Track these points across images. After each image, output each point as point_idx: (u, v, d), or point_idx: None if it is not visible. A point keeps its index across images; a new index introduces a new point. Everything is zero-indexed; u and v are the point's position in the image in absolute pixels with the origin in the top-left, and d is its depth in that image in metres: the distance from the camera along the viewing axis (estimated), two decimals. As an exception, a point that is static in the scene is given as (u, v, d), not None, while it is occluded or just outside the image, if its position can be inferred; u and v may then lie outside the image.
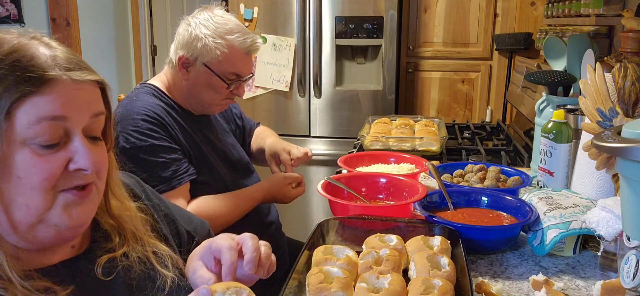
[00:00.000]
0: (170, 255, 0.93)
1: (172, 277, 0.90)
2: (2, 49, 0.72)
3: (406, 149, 1.87)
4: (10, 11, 3.43)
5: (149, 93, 1.53)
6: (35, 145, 0.72)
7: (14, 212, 0.74)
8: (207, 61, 1.50)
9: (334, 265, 0.95)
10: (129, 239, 0.89)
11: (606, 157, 1.19)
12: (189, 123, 1.57)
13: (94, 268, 0.83)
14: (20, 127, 0.71)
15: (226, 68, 1.51)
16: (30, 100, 0.71)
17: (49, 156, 0.73)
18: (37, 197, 0.73)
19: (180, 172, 1.46)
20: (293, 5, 2.89)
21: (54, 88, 0.72)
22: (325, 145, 3.06)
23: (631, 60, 1.35)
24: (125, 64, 3.92)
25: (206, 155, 1.57)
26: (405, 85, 3.21)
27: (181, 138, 1.50)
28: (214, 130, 1.68)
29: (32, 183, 0.72)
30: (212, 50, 1.48)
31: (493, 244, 1.15)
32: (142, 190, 1.03)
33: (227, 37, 1.49)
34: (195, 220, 1.13)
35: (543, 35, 2.41)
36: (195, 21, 1.51)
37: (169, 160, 1.44)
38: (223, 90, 1.54)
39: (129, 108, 1.46)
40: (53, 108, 0.72)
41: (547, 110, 1.66)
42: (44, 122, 0.72)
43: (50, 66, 0.73)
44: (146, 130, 1.43)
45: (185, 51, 1.50)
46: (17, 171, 0.72)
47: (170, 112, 1.52)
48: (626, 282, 0.92)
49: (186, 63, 1.51)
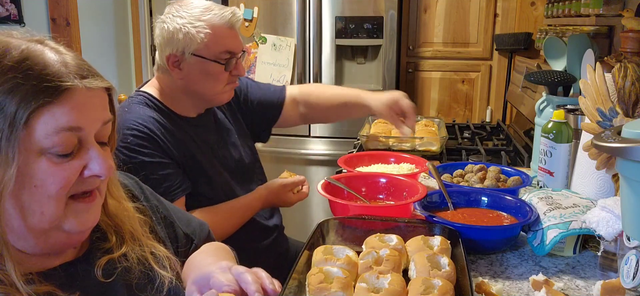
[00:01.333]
0: (167, 256, 0.93)
1: (170, 278, 0.90)
2: (11, 55, 0.72)
3: (406, 149, 1.87)
4: (10, 11, 3.43)
5: (142, 104, 1.47)
6: (52, 154, 0.73)
7: (29, 218, 0.75)
8: (194, 49, 1.43)
9: (334, 265, 0.95)
10: (127, 239, 0.89)
11: (606, 157, 1.19)
12: (186, 129, 1.50)
13: (94, 270, 0.83)
14: (39, 137, 0.72)
15: (215, 49, 1.44)
16: (48, 110, 0.72)
17: (65, 164, 0.74)
18: (53, 205, 0.75)
19: (174, 187, 1.41)
20: (293, 5, 2.89)
21: (71, 98, 0.73)
22: (325, 145, 3.06)
23: (631, 60, 1.35)
24: (125, 64, 3.92)
25: (203, 165, 1.50)
26: (405, 85, 3.21)
27: (174, 151, 1.44)
28: (214, 132, 1.61)
29: (48, 192, 0.74)
30: (195, 37, 1.42)
31: (493, 244, 1.15)
32: (141, 191, 1.02)
33: (204, 17, 1.43)
34: (194, 223, 1.12)
35: (543, 35, 2.41)
36: (168, 17, 1.45)
37: (160, 176, 1.39)
38: (222, 75, 1.48)
39: (119, 122, 1.41)
40: (70, 119, 0.73)
41: (547, 110, 1.66)
42: (62, 132, 0.73)
43: (65, 74, 0.73)
44: (136, 146, 1.37)
45: (171, 48, 1.44)
46: (33, 180, 0.73)
47: (163, 122, 1.45)
48: (626, 282, 0.92)
49: (176, 60, 1.45)
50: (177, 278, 0.93)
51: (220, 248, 1.05)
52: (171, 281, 0.90)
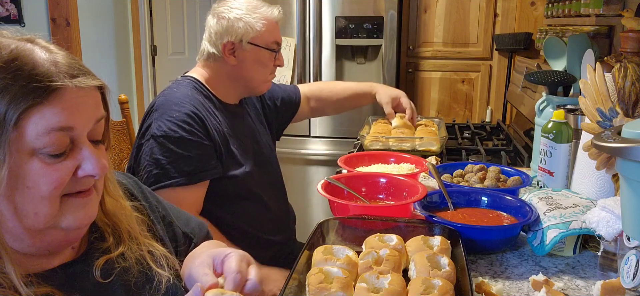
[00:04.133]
0: (165, 255, 0.93)
1: (168, 276, 0.90)
2: (0, 55, 0.71)
3: (406, 149, 1.87)
4: (10, 11, 3.43)
5: (191, 86, 1.58)
6: (44, 155, 0.72)
7: (24, 220, 0.74)
8: (251, 38, 1.59)
9: (334, 265, 0.95)
10: (124, 238, 0.89)
11: (606, 157, 1.19)
12: (225, 116, 1.62)
13: (92, 270, 0.83)
14: (30, 138, 0.71)
15: (268, 39, 1.62)
16: (38, 111, 0.71)
17: (57, 165, 0.73)
18: (46, 205, 0.74)
19: (203, 169, 1.49)
20: (293, 5, 2.89)
21: (61, 97, 0.72)
22: (325, 145, 3.06)
23: (631, 60, 1.35)
24: (125, 64, 3.91)
25: (235, 152, 1.60)
26: (405, 85, 3.21)
27: (215, 135, 1.53)
28: (247, 124, 1.72)
29: (41, 193, 0.73)
30: (254, 26, 1.58)
31: (493, 244, 1.15)
32: (140, 191, 1.02)
33: (259, 10, 1.61)
34: (193, 222, 1.12)
35: (543, 35, 2.41)
36: (224, 8, 1.59)
37: (195, 155, 1.47)
38: (270, 63, 1.65)
39: (169, 97, 1.52)
40: (61, 119, 0.72)
41: (547, 110, 1.66)
42: (53, 133, 0.72)
43: (54, 74, 0.72)
44: (179, 121, 1.46)
45: (229, 36, 1.57)
46: (26, 181, 0.72)
47: (207, 106, 1.56)
48: (626, 282, 0.92)
49: (232, 48, 1.59)
50: (175, 276, 0.93)
51: (218, 246, 1.05)
52: (169, 280, 0.90)
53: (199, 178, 1.48)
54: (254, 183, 1.64)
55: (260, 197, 1.66)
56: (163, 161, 1.43)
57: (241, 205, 1.61)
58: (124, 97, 2.03)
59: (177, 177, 1.43)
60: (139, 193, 1.01)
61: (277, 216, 1.72)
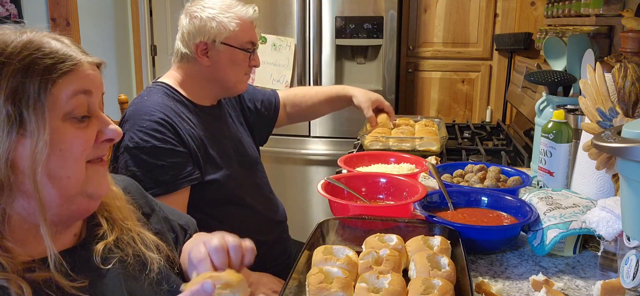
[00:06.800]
0: (156, 242, 0.98)
1: (159, 259, 0.95)
2: (14, 43, 0.77)
3: (406, 149, 1.87)
4: (10, 11, 3.43)
5: (161, 93, 1.54)
6: (72, 119, 0.80)
7: (58, 185, 0.80)
8: (224, 38, 1.55)
9: (334, 265, 0.95)
10: (117, 224, 0.94)
11: (606, 157, 1.19)
12: (201, 119, 1.58)
13: (93, 256, 0.87)
14: (62, 102, 0.78)
15: (243, 38, 1.57)
16: (65, 79, 0.79)
17: (84, 128, 0.82)
18: (77, 168, 0.81)
19: (180, 176, 1.45)
20: (293, 5, 2.89)
21: (79, 69, 0.81)
22: (325, 145, 3.06)
23: (631, 60, 1.35)
24: (125, 64, 3.91)
25: (214, 155, 1.56)
26: (405, 85, 3.21)
27: (188, 139, 1.49)
28: (226, 121, 1.69)
29: (74, 156, 0.80)
30: (227, 26, 1.54)
31: (493, 244, 1.15)
32: (137, 189, 1.07)
33: (233, 10, 1.56)
34: (185, 216, 1.19)
35: (543, 35, 2.41)
36: (197, 8, 1.56)
37: (169, 164, 1.43)
38: (245, 63, 1.60)
39: (139, 107, 1.48)
40: (83, 83, 0.81)
41: (547, 110, 1.66)
42: (79, 95, 0.80)
43: (71, 51, 0.81)
44: (150, 130, 1.42)
45: (202, 36, 1.54)
46: (60, 144, 0.79)
47: (180, 112, 1.52)
48: (626, 282, 0.92)
49: (205, 48, 1.55)
50: (165, 260, 0.98)
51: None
52: (160, 262, 0.95)
53: (176, 186, 1.44)
54: (237, 186, 1.61)
55: (244, 199, 1.63)
56: (138, 173, 1.39)
57: (225, 209, 1.58)
58: (123, 97, 2.03)
59: (153, 187, 1.38)
60: (142, 197, 1.07)
61: (265, 216, 1.69)
